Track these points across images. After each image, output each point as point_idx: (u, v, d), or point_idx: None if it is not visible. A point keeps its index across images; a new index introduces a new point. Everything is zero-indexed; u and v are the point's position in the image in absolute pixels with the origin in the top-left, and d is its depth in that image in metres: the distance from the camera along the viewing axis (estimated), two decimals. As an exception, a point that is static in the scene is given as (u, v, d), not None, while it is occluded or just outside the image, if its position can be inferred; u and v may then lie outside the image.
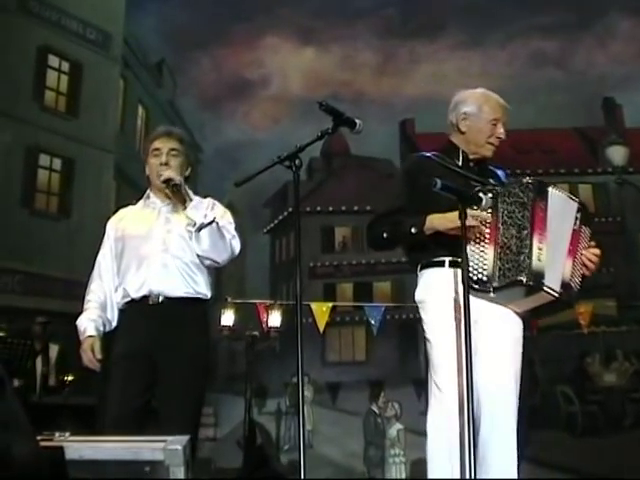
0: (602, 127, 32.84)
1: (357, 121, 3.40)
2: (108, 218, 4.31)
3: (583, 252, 3.79)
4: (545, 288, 3.58)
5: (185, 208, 3.97)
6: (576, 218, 3.76)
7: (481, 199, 3.46)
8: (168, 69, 29.19)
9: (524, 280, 3.55)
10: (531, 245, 3.58)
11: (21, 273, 17.33)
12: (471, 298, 3.50)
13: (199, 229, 3.92)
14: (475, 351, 3.60)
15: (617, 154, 14.26)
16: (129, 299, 4.04)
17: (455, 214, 3.53)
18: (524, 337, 3.89)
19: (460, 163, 3.93)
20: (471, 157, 3.98)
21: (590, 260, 3.79)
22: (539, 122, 31.93)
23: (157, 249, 4.03)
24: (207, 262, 4.06)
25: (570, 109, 35.56)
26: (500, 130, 3.96)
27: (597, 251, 3.84)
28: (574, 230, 3.74)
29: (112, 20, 21.32)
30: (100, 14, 20.74)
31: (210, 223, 3.94)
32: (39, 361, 9.05)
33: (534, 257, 3.56)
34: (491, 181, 3.85)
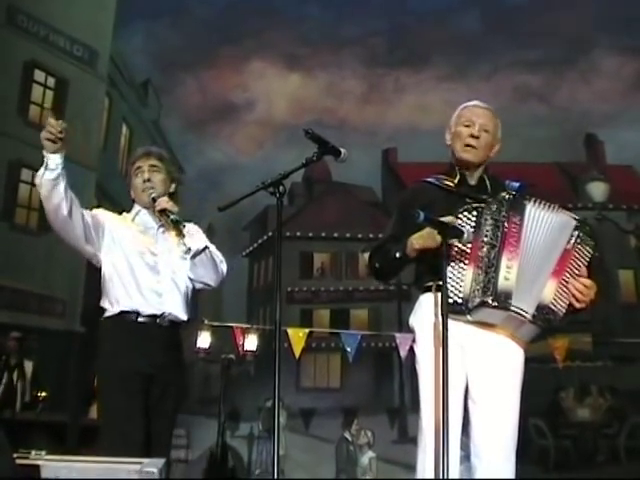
0: (583, 163, 33.12)
1: (342, 150, 3.38)
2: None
3: (574, 276, 3.56)
4: (513, 309, 3.45)
5: (182, 237, 3.97)
6: (571, 236, 3.57)
7: (462, 232, 3.38)
8: (154, 89, 29.21)
9: (489, 301, 3.44)
10: (498, 264, 3.46)
11: (-3, 287, 17.17)
12: (459, 323, 3.48)
13: (194, 256, 3.97)
14: (471, 381, 3.61)
15: (597, 190, 14.35)
16: (132, 313, 3.93)
17: (429, 230, 3.46)
18: None
19: (456, 181, 3.81)
20: (468, 174, 3.83)
21: (579, 290, 3.55)
22: (522, 156, 32.10)
23: (167, 271, 4.03)
24: (199, 285, 4.10)
25: (553, 144, 35.85)
26: (471, 130, 3.80)
27: (587, 282, 3.57)
28: (566, 249, 3.55)
29: (99, 38, 21.35)
30: (88, 31, 20.76)
31: (204, 249, 3.97)
32: (15, 376, 8.98)
33: (500, 276, 3.44)
34: (484, 197, 3.64)
